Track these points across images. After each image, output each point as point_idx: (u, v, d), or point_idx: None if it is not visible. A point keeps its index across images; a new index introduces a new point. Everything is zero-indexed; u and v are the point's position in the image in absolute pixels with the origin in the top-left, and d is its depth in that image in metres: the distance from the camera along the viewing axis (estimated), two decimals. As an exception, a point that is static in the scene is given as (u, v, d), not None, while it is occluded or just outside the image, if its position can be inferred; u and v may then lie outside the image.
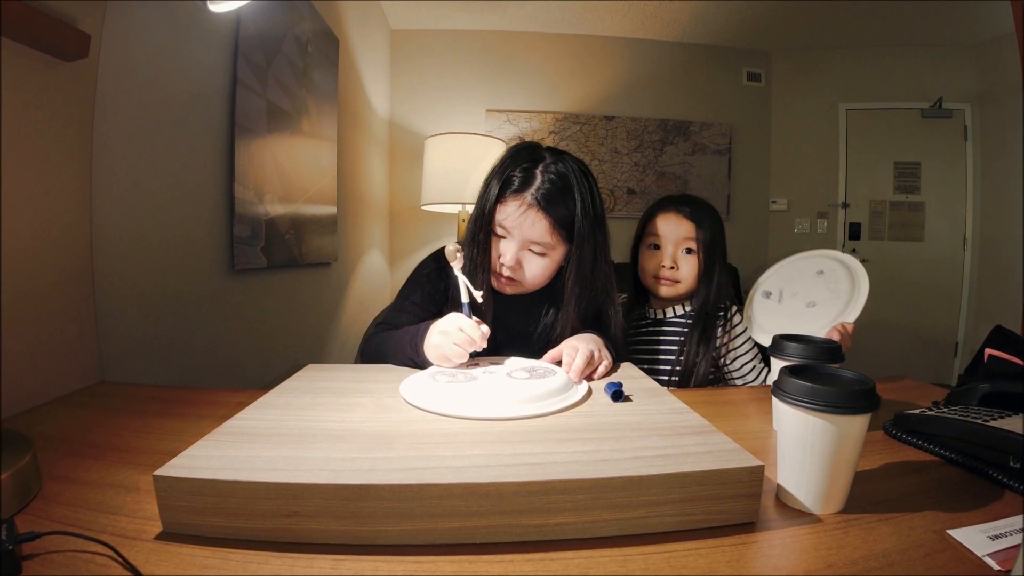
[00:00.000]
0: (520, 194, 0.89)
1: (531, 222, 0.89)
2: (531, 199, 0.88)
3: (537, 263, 0.93)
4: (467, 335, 0.79)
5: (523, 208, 0.89)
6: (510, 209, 0.90)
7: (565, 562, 0.43)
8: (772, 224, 3.76)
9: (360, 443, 0.53)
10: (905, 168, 3.58)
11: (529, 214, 0.88)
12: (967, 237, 3.49)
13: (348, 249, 2.45)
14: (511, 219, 0.90)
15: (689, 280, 1.18)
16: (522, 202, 0.89)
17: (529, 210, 0.88)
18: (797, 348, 0.72)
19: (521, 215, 0.89)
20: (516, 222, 0.89)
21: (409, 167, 3.29)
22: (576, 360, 0.79)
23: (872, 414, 0.49)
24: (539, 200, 0.88)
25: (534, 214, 0.88)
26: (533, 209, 0.88)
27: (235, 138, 1.37)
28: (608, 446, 0.53)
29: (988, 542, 0.46)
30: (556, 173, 0.90)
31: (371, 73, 2.84)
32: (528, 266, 0.93)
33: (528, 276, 0.94)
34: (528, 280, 0.94)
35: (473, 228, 0.95)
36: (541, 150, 0.95)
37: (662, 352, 1.18)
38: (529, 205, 0.88)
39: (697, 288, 1.18)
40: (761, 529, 0.48)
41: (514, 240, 0.91)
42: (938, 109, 3.46)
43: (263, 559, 0.42)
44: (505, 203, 0.90)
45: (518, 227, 0.90)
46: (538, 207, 0.88)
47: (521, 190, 0.89)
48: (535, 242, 0.91)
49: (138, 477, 0.56)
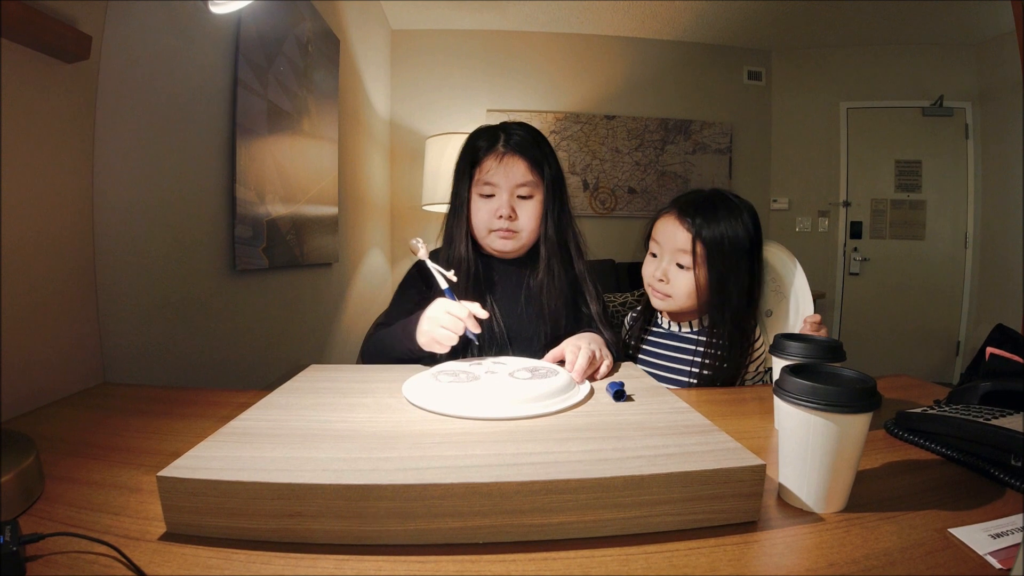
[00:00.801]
0: (493, 149, 0.99)
1: (512, 166, 0.98)
2: (504, 148, 0.99)
3: (528, 207, 1.01)
4: (454, 316, 0.82)
5: (501, 158, 0.99)
6: (489, 164, 0.99)
7: (567, 561, 0.43)
8: (773, 223, 3.76)
9: (362, 443, 0.53)
10: (906, 166, 3.58)
11: (507, 160, 0.98)
12: (968, 235, 3.49)
13: (349, 249, 2.45)
14: (494, 171, 0.99)
15: (681, 298, 1.01)
16: (498, 154, 0.99)
17: (506, 157, 0.98)
18: (798, 347, 0.71)
19: (501, 164, 0.98)
20: (499, 172, 0.98)
21: (410, 167, 3.29)
22: (579, 360, 0.79)
23: (873, 413, 0.49)
24: (513, 147, 0.99)
25: (511, 159, 0.98)
26: (510, 155, 0.99)
27: (236, 139, 1.37)
28: (610, 445, 0.53)
29: (990, 541, 0.46)
30: (517, 127, 1.03)
31: (371, 73, 2.84)
32: (522, 212, 1.00)
33: (523, 221, 1.00)
34: (524, 226, 1.01)
35: (455, 201, 1.03)
36: (496, 124, 1.05)
37: (671, 371, 1.06)
38: (505, 153, 0.99)
39: (701, 309, 1.02)
40: (763, 528, 0.48)
41: (503, 190, 0.99)
42: (939, 107, 3.46)
43: (266, 559, 0.42)
44: (483, 164, 0.99)
45: (503, 175, 0.98)
46: (513, 152, 0.99)
47: (493, 146, 1.00)
48: (520, 184, 0.99)
49: (141, 478, 0.56)
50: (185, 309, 1.21)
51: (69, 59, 0.84)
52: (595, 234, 1.17)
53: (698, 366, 1.03)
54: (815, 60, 3.65)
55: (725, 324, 1.00)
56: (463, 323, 0.82)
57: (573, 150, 3.50)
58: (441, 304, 0.85)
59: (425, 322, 0.85)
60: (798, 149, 3.70)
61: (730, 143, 3.63)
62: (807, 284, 1.05)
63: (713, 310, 1.01)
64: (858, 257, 3.66)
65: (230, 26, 1.35)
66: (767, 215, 3.75)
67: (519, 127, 1.03)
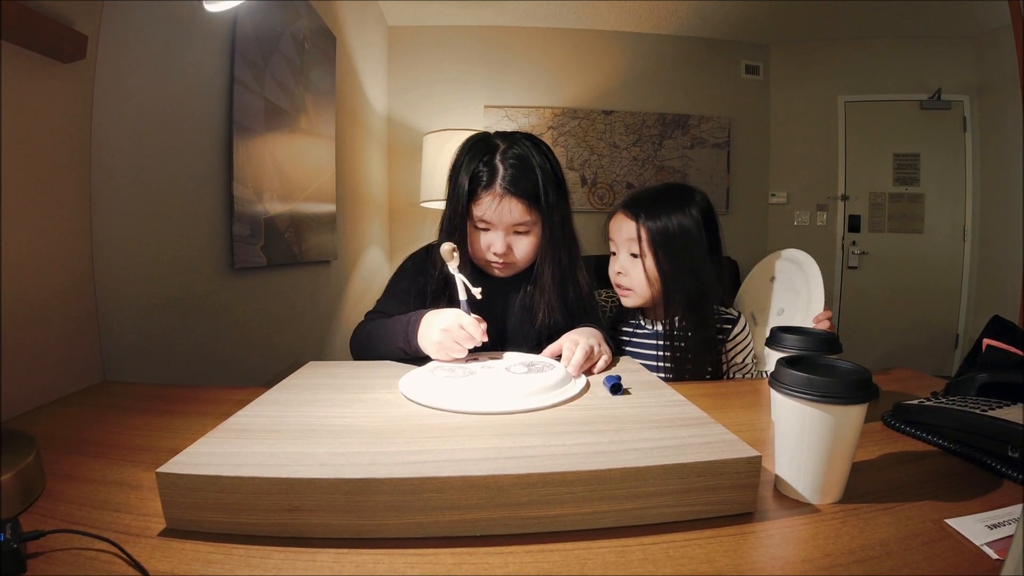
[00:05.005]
0: (490, 188, 0.93)
1: (508, 209, 0.93)
2: (501, 189, 0.93)
3: (524, 242, 0.98)
4: (467, 332, 0.81)
5: (497, 199, 0.93)
6: (485, 203, 0.94)
7: (564, 553, 0.43)
8: (772, 217, 3.76)
9: (360, 438, 0.54)
10: (904, 160, 3.58)
11: (504, 202, 0.93)
12: (966, 228, 3.49)
13: (347, 247, 2.45)
14: (490, 212, 0.94)
15: (640, 289, 1.03)
16: (494, 195, 0.93)
17: (503, 199, 0.93)
18: (794, 339, 0.72)
19: (498, 206, 0.93)
20: (496, 213, 0.94)
21: (407, 164, 3.28)
22: (576, 355, 0.80)
23: (870, 405, 0.50)
24: (509, 188, 0.93)
25: (508, 201, 0.93)
26: (507, 197, 0.93)
27: (233, 137, 1.37)
28: (606, 438, 0.54)
29: (986, 531, 0.46)
30: (515, 157, 0.95)
31: (369, 70, 2.83)
32: (517, 247, 0.98)
33: (519, 256, 0.98)
34: (520, 259, 0.99)
35: (449, 226, 0.98)
36: (492, 139, 0.99)
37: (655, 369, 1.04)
38: (502, 195, 0.93)
39: (663, 298, 1.03)
40: (759, 519, 0.49)
41: (499, 229, 0.96)
42: (937, 100, 3.46)
43: (266, 554, 0.43)
44: (479, 200, 0.94)
45: (499, 217, 0.94)
46: (510, 194, 0.93)
47: (490, 184, 0.94)
48: (517, 224, 0.95)
49: (141, 474, 0.56)
50: (184, 307, 1.21)
51: (66, 59, 0.84)
52: (593, 230, 1.16)
53: (662, 359, 1.04)
54: (813, 54, 3.64)
55: (679, 312, 1.01)
56: (476, 340, 0.81)
57: (571, 145, 3.49)
58: (455, 317, 0.83)
59: (438, 332, 0.83)
60: (796, 143, 3.69)
61: (728, 137, 3.62)
62: (820, 283, 1.05)
63: (665, 298, 1.02)
64: (856, 251, 3.66)
65: (226, 24, 1.35)
66: (765, 209, 3.75)
67: (513, 148, 0.96)
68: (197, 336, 1.27)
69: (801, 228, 3.72)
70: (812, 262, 1.09)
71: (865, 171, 3.63)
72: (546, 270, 0.99)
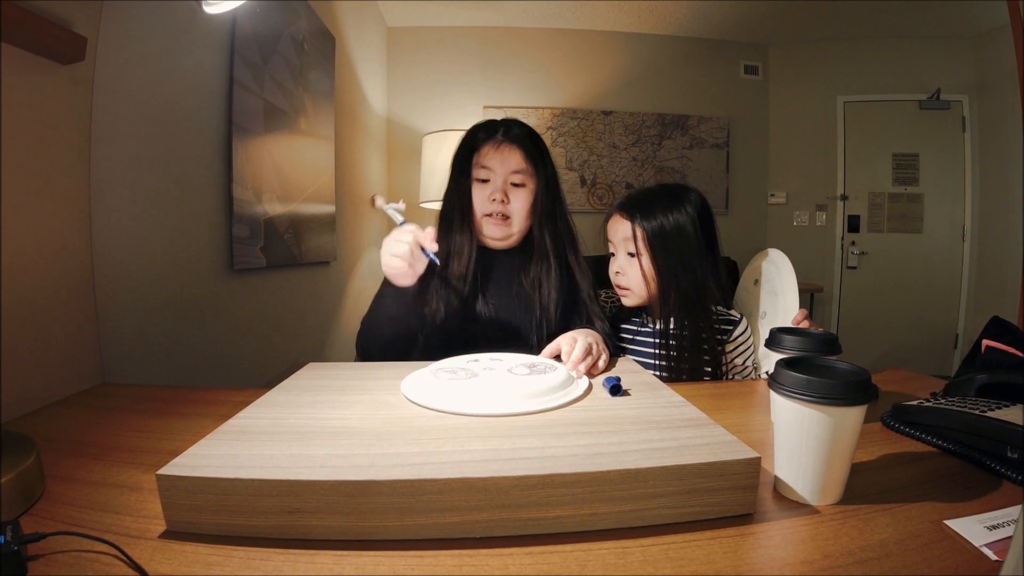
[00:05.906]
0: (492, 137, 1.05)
1: (508, 153, 1.04)
2: (502, 137, 1.05)
3: (521, 195, 1.05)
4: (401, 239, 0.86)
5: (498, 145, 1.04)
6: (487, 150, 1.04)
7: (564, 555, 0.43)
8: (771, 217, 3.76)
9: (360, 440, 0.54)
10: (903, 160, 3.58)
11: (504, 148, 1.04)
12: (966, 228, 3.49)
13: (347, 247, 2.45)
14: (490, 157, 1.04)
15: (638, 289, 1.04)
16: (496, 142, 1.04)
17: (503, 145, 1.04)
18: (793, 340, 0.72)
19: (498, 151, 1.04)
20: (495, 158, 1.03)
21: (407, 164, 3.28)
22: (575, 351, 0.80)
23: (869, 405, 0.50)
24: (509, 137, 1.05)
25: (508, 148, 1.04)
26: (506, 144, 1.04)
27: (233, 138, 1.37)
28: (606, 440, 0.54)
29: (986, 532, 0.46)
30: (514, 123, 1.08)
31: (368, 71, 2.84)
32: (514, 199, 1.04)
33: (515, 207, 1.04)
34: (516, 212, 1.05)
35: (452, 186, 1.08)
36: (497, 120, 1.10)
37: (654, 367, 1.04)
38: (502, 142, 1.04)
39: (659, 296, 1.03)
40: (758, 521, 0.49)
41: (498, 175, 1.04)
42: (936, 100, 3.46)
43: (266, 556, 0.43)
44: (481, 150, 1.05)
45: (499, 161, 1.03)
46: (510, 142, 1.04)
47: (491, 136, 1.05)
48: (515, 171, 1.04)
49: (141, 477, 0.56)
50: (184, 309, 1.21)
51: (65, 61, 0.84)
52: (592, 230, 1.17)
53: (658, 358, 1.04)
54: (812, 54, 3.64)
55: (676, 310, 1.02)
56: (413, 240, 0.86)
57: (570, 146, 3.49)
58: (391, 233, 0.89)
59: (383, 257, 0.89)
60: (795, 143, 3.69)
61: (727, 138, 3.62)
62: (792, 281, 1.05)
63: (660, 297, 1.03)
64: (856, 251, 3.66)
65: (225, 25, 1.35)
66: (765, 209, 3.75)
67: (518, 124, 1.08)
68: (197, 337, 1.27)
69: (800, 228, 3.73)
70: (786, 261, 1.08)
71: (864, 171, 3.64)
72: (544, 234, 1.06)
